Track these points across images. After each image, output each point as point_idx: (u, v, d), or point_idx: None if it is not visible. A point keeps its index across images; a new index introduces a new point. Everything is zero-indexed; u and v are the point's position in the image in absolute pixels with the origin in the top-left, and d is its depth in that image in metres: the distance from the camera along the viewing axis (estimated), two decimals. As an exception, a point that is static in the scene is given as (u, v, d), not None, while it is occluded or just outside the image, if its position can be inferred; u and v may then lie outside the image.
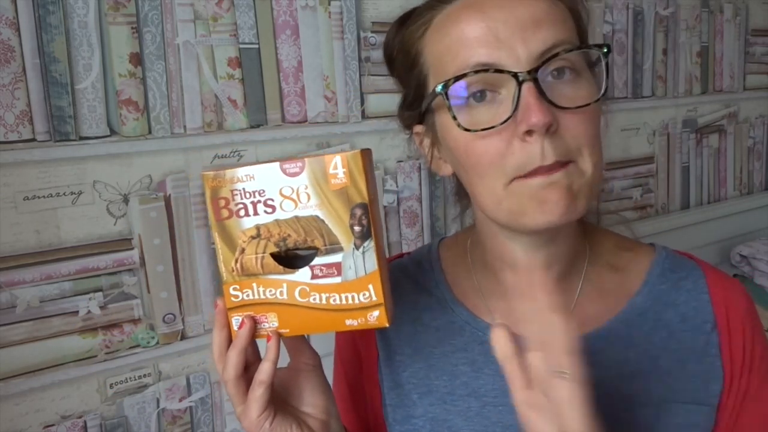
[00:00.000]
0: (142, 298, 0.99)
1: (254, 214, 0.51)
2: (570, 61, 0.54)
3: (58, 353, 0.93)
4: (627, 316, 0.62)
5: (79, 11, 0.91)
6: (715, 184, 1.85)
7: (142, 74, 0.96)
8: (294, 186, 0.50)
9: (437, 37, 0.57)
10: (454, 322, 0.65)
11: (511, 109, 0.52)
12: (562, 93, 0.53)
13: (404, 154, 1.23)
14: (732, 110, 1.85)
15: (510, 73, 0.52)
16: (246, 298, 0.53)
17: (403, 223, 1.25)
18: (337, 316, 0.52)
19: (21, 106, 0.88)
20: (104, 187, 0.95)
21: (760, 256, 1.66)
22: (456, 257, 0.70)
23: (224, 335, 0.54)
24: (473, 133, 0.54)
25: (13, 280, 0.89)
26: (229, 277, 0.53)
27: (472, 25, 0.54)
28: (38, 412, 0.92)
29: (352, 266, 0.51)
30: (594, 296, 0.63)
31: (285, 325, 0.53)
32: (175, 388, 1.03)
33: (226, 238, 0.52)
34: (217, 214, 0.51)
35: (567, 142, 0.53)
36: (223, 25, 1.02)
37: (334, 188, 0.49)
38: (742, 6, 1.83)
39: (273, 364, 0.52)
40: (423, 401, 0.64)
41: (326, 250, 0.51)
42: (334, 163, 0.49)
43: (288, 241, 0.51)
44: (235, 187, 0.51)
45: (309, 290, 0.52)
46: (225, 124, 1.04)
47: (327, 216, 0.50)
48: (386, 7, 1.19)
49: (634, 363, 0.60)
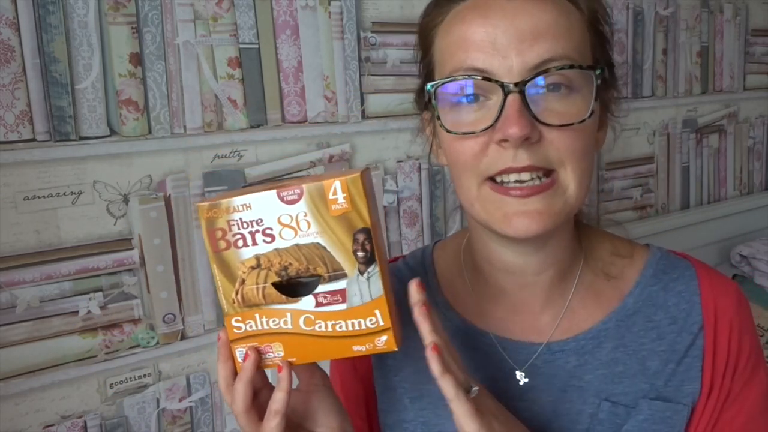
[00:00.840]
0: (142, 298, 0.99)
1: (253, 244, 0.49)
2: (566, 77, 0.53)
3: (58, 353, 0.93)
4: (618, 317, 0.62)
5: (79, 11, 0.91)
6: (715, 184, 1.85)
7: (142, 74, 0.96)
8: (293, 214, 0.48)
9: (446, 32, 0.58)
10: (446, 328, 0.65)
11: (494, 118, 0.53)
12: (551, 108, 0.53)
13: (404, 154, 1.23)
14: (732, 110, 1.85)
15: (497, 83, 0.52)
16: (249, 330, 0.52)
17: (403, 223, 1.25)
18: (344, 342, 0.51)
19: (21, 106, 0.88)
20: (104, 187, 0.95)
21: (760, 256, 1.66)
22: (450, 260, 0.70)
23: (229, 368, 0.54)
24: (455, 135, 0.55)
25: (13, 280, 0.89)
26: (231, 309, 0.51)
27: (473, 28, 0.54)
28: (38, 412, 0.92)
29: (358, 292, 0.50)
30: (587, 300, 0.64)
31: (291, 354, 0.52)
32: (175, 388, 1.03)
33: (225, 270, 0.50)
34: (215, 246, 0.50)
35: (548, 152, 0.54)
36: (223, 25, 1.03)
37: (335, 214, 0.48)
38: (742, 6, 1.83)
39: (287, 394, 0.52)
40: (414, 405, 0.64)
41: (330, 278, 0.49)
42: (333, 188, 0.47)
43: (290, 270, 0.50)
44: (232, 217, 0.49)
45: (314, 318, 0.50)
46: (225, 124, 1.04)
47: (329, 243, 0.49)
48: (386, 7, 1.19)
49: (623, 363, 0.61)
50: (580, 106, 0.54)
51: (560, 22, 0.54)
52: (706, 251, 1.71)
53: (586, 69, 0.54)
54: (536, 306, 0.63)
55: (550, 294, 0.63)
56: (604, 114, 0.62)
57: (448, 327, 0.65)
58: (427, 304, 0.51)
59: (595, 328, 0.62)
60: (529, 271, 0.62)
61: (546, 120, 0.53)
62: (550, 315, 0.63)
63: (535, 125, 0.52)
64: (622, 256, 0.66)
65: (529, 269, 0.62)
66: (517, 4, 0.54)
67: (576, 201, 0.56)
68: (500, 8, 0.54)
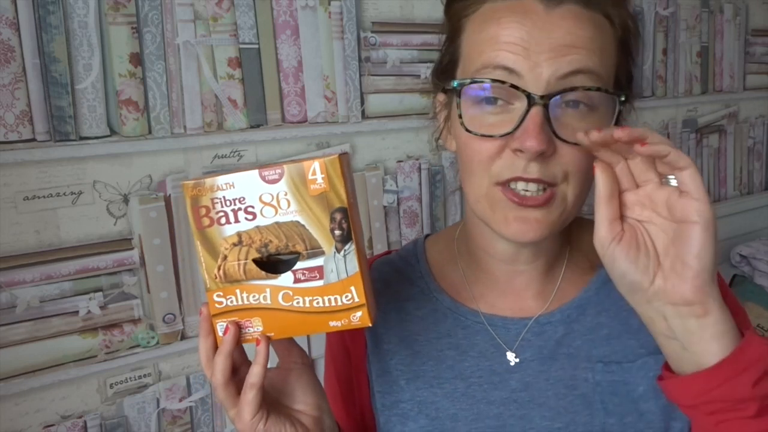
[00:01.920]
0: (142, 298, 0.99)
1: (235, 221, 0.51)
2: (587, 96, 0.54)
3: (58, 353, 0.93)
4: (596, 285, 0.65)
5: (79, 11, 0.91)
6: (715, 184, 1.85)
7: (142, 74, 0.96)
8: (273, 192, 0.50)
9: (478, 27, 0.58)
10: (437, 309, 0.68)
11: (514, 126, 0.54)
12: (568, 123, 0.54)
13: (404, 154, 1.23)
14: (732, 110, 1.85)
15: (524, 92, 0.53)
16: (230, 304, 0.54)
17: (403, 223, 1.25)
18: (321, 318, 0.53)
19: (21, 106, 0.88)
20: (104, 187, 0.95)
21: (760, 256, 1.66)
22: (442, 248, 0.73)
23: (210, 342, 0.55)
24: (473, 134, 0.56)
25: (13, 280, 0.89)
26: (213, 284, 0.53)
27: (509, 30, 0.55)
28: (38, 412, 0.92)
29: (334, 269, 0.52)
30: (574, 278, 0.67)
31: (270, 329, 0.54)
32: (175, 388, 1.03)
33: (208, 246, 0.52)
34: (198, 223, 0.52)
35: (557, 168, 0.55)
36: (223, 25, 1.03)
37: (314, 193, 0.50)
38: (742, 6, 1.83)
39: (263, 368, 0.54)
40: (410, 386, 0.66)
41: (308, 255, 0.52)
42: (312, 169, 0.50)
43: (270, 246, 0.52)
44: (215, 195, 0.51)
45: (292, 294, 0.53)
46: (225, 124, 1.04)
47: (307, 221, 0.51)
48: (386, 7, 1.19)
49: (607, 326, 0.64)
50: (595, 126, 0.54)
51: (596, 39, 0.55)
52: (706, 251, 1.71)
53: (612, 93, 0.55)
54: (527, 291, 0.66)
55: (541, 280, 0.66)
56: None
57: (439, 308, 0.68)
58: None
59: (578, 297, 0.65)
60: (523, 261, 0.64)
61: (563, 136, 0.54)
62: (540, 299, 0.66)
63: (552, 140, 0.54)
64: None
65: (522, 259, 0.64)
66: (556, 17, 0.54)
67: (573, 210, 0.58)
68: (538, 17, 0.54)
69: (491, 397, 0.63)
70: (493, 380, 0.63)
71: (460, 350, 0.65)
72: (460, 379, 0.64)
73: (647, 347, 0.61)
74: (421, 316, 0.68)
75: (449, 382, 0.64)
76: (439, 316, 0.67)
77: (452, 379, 0.64)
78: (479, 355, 0.64)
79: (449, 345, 0.66)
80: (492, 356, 0.64)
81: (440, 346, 0.66)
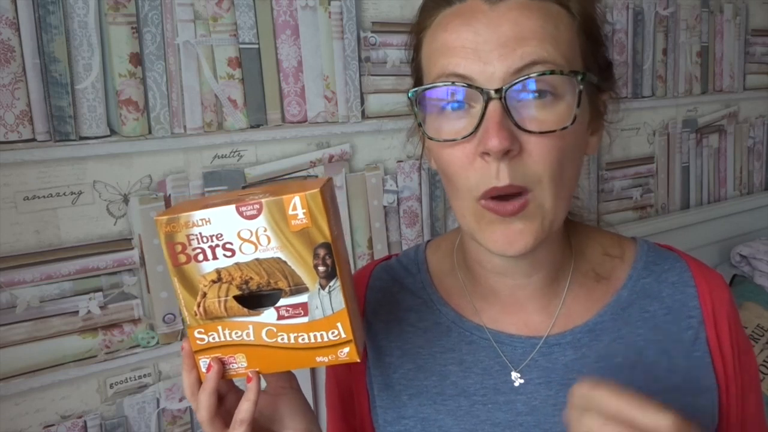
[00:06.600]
0: (142, 298, 0.99)
1: (213, 258, 0.49)
2: (549, 83, 0.52)
3: (58, 353, 0.93)
4: (613, 310, 0.63)
5: (79, 11, 0.91)
6: (715, 184, 1.85)
7: (142, 74, 0.96)
8: (252, 228, 0.48)
9: (431, 38, 0.57)
10: (441, 322, 0.66)
11: (474, 126, 0.52)
12: (532, 115, 0.52)
13: (404, 154, 1.23)
14: (732, 110, 1.85)
15: (477, 89, 0.52)
16: (212, 341, 0.52)
17: (403, 223, 1.25)
18: (307, 353, 0.51)
19: (21, 106, 0.88)
20: (104, 187, 0.95)
21: (760, 256, 1.66)
22: (443, 258, 0.71)
23: (194, 377, 0.54)
24: (438, 142, 0.55)
25: (13, 280, 0.89)
26: (193, 321, 0.51)
27: (456, 35, 0.54)
28: (38, 412, 0.92)
29: (319, 306, 0.50)
30: (581, 297, 0.64)
31: (254, 364, 0.52)
32: (175, 388, 1.03)
33: (186, 283, 0.50)
34: (174, 260, 0.49)
35: (527, 167, 0.52)
36: (223, 25, 1.03)
37: (295, 229, 0.48)
38: (742, 6, 1.83)
39: (253, 404, 0.52)
40: (413, 402, 0.64)
41: (291, 291, 0.50)
42: (293, 204, 0.47)
43: (251, 284, 0.50)
44: (191, 231, 0.49)
45: (276, 331, 0.51)
46: (225, 124, 1.04)
47: (289, 257, 0.49)
48: (386, 7, 1.19)
49: (621, 355, 0.61)
50: (562, 113, 0.53)
51: (546, 28, 0.53)
52: (706, 251, 1.71)
53: (567, 74, 0.52)
54: (530, 305, 0.63)
55: (544, 294, 0.63)
56: (599, 119, 0.61)
57: (442, 321, 0.65)
58: None
59: (591, 321, 0.62)
60: (520, 273, 0.62)
61: (527, 127, 0.52)
62: (544, 314, 0.63)
63: (516, 135, 0.51)
64: (612, 256, 0.67)
65: (519, 272, 0.62)
66: (501, 12, 0.53)
67: (555, 215, 0.55)
68: (483, 15, 0.53)
69: (496, 418, 0.61)
70: (497, 400, 0.61)
71: (464, 366, 0.63)
72: (464, 396, 0.62)
73: (661, 381, 0.60)
74: (424, 328, 0.66)
75: (452, 399, 0.62)
76: (443, 329, 0.65)
77: (455, 396, 0.62)
78: (483, 372, 0.62)
79: (453, 360, 0.64)
80: (496, 374, 0.62)
81: (444, 360, 0.64)
